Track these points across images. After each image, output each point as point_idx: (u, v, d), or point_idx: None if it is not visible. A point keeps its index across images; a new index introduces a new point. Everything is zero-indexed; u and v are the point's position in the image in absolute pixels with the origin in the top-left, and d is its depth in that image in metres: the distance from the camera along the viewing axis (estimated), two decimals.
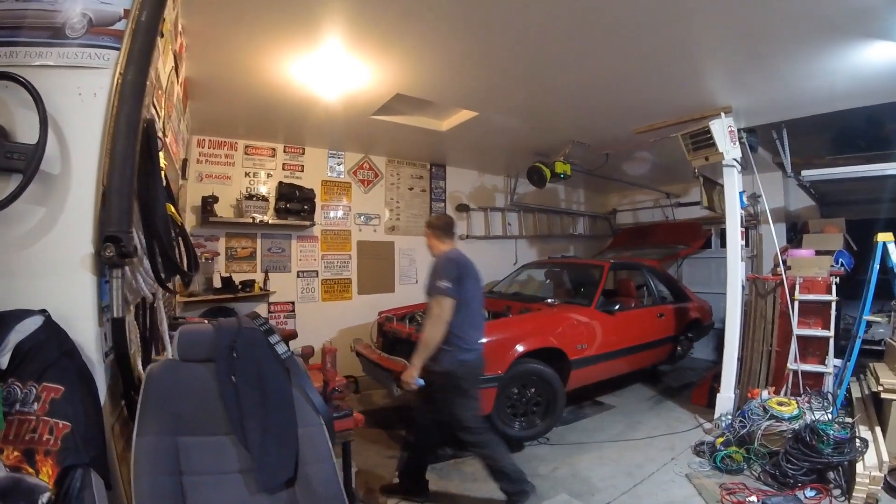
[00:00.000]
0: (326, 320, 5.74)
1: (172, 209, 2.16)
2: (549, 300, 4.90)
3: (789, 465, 3.24)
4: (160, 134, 2.19)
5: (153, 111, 2.27)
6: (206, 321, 2.56)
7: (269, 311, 5.48)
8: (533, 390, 4.09)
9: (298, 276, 5.71)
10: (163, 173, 2.08)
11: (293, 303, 5.66)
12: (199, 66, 3.42)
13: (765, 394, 3.96)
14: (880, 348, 4.21)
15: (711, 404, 4.59)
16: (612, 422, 4.67)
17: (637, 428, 4.49)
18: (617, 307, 4.83)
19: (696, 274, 7.12)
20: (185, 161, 4.14)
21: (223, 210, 5.18)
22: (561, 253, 7.55)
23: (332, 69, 3.50)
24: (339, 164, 5.97)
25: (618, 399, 5.30)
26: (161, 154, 2.14)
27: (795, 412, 3.56)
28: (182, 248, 2.30)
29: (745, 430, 3.69)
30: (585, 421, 4.72)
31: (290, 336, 3.88)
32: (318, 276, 5.85)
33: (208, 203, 5.01)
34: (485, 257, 7.01)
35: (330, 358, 2.46)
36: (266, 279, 5.37)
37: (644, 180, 7.09)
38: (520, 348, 3.96)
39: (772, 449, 3.49)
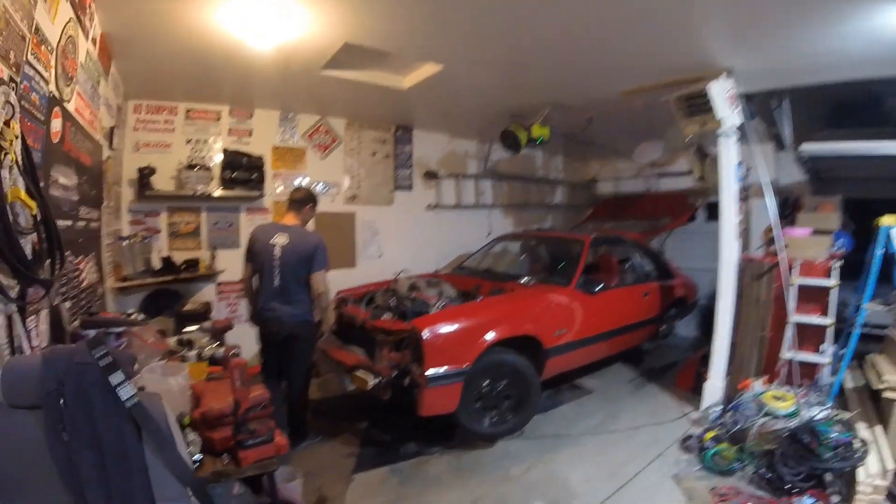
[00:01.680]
0: None
1: (22, 195, 1.63)
2: (524, 279, 4.46)
3: (786, 469, 2.92)
4: (17, 98, 1.65)
5: (28, 70, 1.76)
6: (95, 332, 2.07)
7: (218, 293, 4.97)
8: (504, 382, 3.68)
9: None
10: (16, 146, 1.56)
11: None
12: (115, 18, 2.85)
13: (758, 385, 3.63)
14: (872, 332, 3.88)
15: (697, 389, 4.28)
16: (591, 409, 4.34)
17: (619, 417, 4.16)
18: (599, 287, 4.42)
19: (679, 248, 6.74)
20: (112, 129, 3.61)
21: (163, 182, 4.59)
22: (537, 224, 7.10)
23: (268, 12, 2.88)
24: (292, 128, 5.34)
25: (597, 382, 4.97)
26: (16, 123, 1.61)
27: (792, 409, 3.22)
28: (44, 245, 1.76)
29: (737, 428, 3.36)
30: (564, 408, 4.38)
31: (224, 328, 3.39)
32: None
33: (144, 175, 4.44)
34: (456, 228, 6.58)
35: (238, 373, 1.98)
36: (213, 257, 4.82)
37: (627, 148, 6.62)
38: (490, 337, 3.53)
39: (766, 448, 3.17)
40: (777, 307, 3.91)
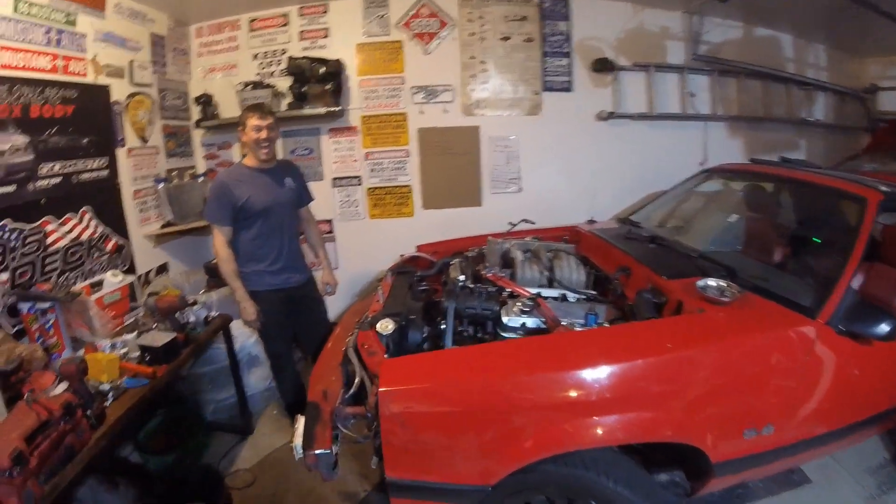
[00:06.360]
0: (378, 245, 4.20)
1: None
2: (713, 283, 2.16)
3: None
4: None
5: None
6: None
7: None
8: None
9: (335, 185, 4.22)
10: None
11: (331, 221, 4.30)
12: None
13: None
14: None
15: None
16: None
17: None
18: (886, 327, 1.95)
19: None
20: (131, 63, 3.38)
21: (232, 109, 3.91)
22: (779, 154, 4.21)
23: None
24: (380, 17, 3.91)
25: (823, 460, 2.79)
26: None
27: None
28: None
29: None
30: None
31: (170, 308, 2.72)
32: (361, 184, 4.24)
33: (202, 104, 3.88)
34: (646, 150, 4.34)
35: None
36: None
37: None
38: (566, 438, 1.75)
39: None
40: None
